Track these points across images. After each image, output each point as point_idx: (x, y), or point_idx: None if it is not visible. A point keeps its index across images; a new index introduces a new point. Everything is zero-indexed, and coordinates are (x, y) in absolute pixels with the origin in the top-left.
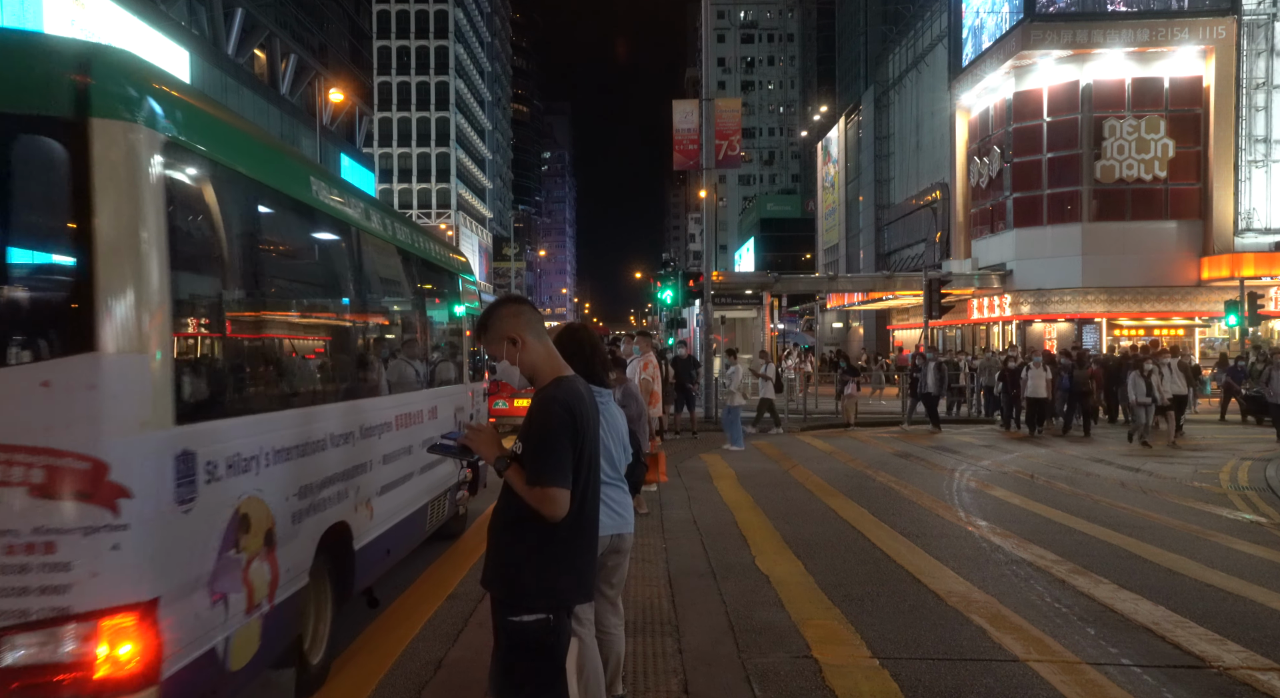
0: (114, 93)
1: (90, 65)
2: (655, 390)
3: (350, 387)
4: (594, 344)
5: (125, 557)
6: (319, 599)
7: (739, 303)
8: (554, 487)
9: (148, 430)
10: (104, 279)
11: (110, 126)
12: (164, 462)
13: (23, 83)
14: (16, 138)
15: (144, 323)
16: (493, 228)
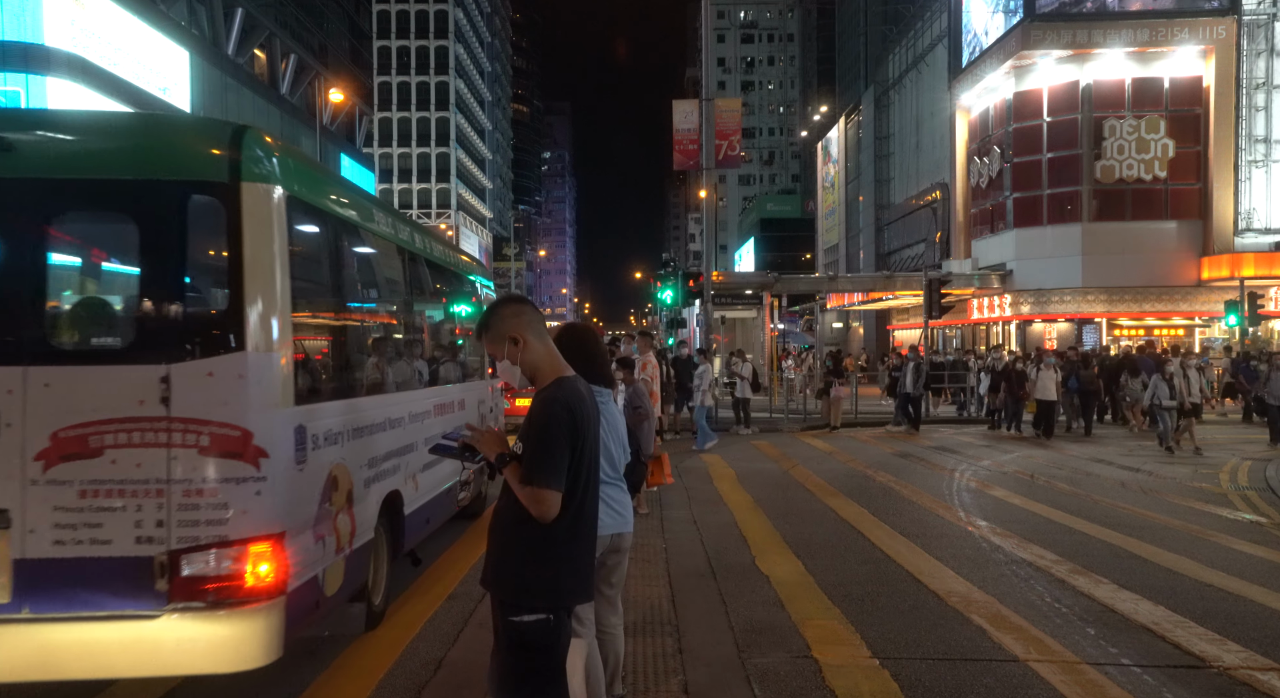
0: (255, 163)
1: (239, 143)
2: (654, 390)
3: (402, 381)
4: (595, 344)
5: (264, 500)
6: (379, 552)
7: (739, 303)
8: (545, 488)
9: (277, 409)
10: (248, 298)
11: (254, 188)
12: (288, 432)
13: (193, 157)
14: (190, 198)
15: (274, 330)
16: (493, 228)
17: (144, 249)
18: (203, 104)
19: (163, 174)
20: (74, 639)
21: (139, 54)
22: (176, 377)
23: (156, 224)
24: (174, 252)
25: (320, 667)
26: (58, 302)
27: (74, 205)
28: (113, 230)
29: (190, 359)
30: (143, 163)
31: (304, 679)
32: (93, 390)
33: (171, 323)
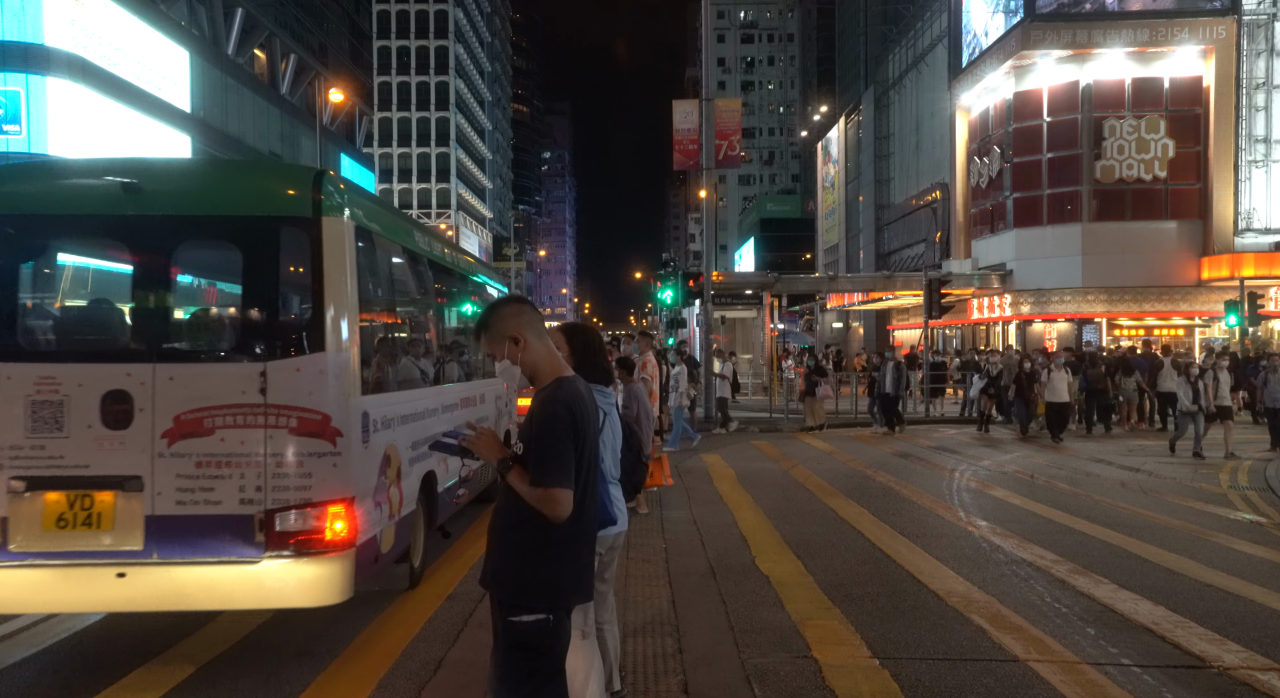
0: (331, 200)
1: (319, 184)
2: (654, 390)
3: (438, 377)
4: (594, 343)
5: (339, 471)
6: (419, 522)
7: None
8: (557, 487)
9: (349, 398)
10: (327, 308)
11: (333, 221)
12: (357, 417)
13: (283, 197)
14: (281, 229)
15: (346, 335)
16: (493, 228)
17: (245, 270)
18: (202, 104)
19: (260, 210)
20: (191, 578)
21: (139, 54)
22: (271, 372)
23: (255, 250)
24: (269, 272)
25: (320, 667)
26: (179, 312)
27: (190, 236)
28: (221, 255)
29: (282, 358)
30: (244, 201)
31: (304, 679)
32: (207, 382)
33: (267, 329)
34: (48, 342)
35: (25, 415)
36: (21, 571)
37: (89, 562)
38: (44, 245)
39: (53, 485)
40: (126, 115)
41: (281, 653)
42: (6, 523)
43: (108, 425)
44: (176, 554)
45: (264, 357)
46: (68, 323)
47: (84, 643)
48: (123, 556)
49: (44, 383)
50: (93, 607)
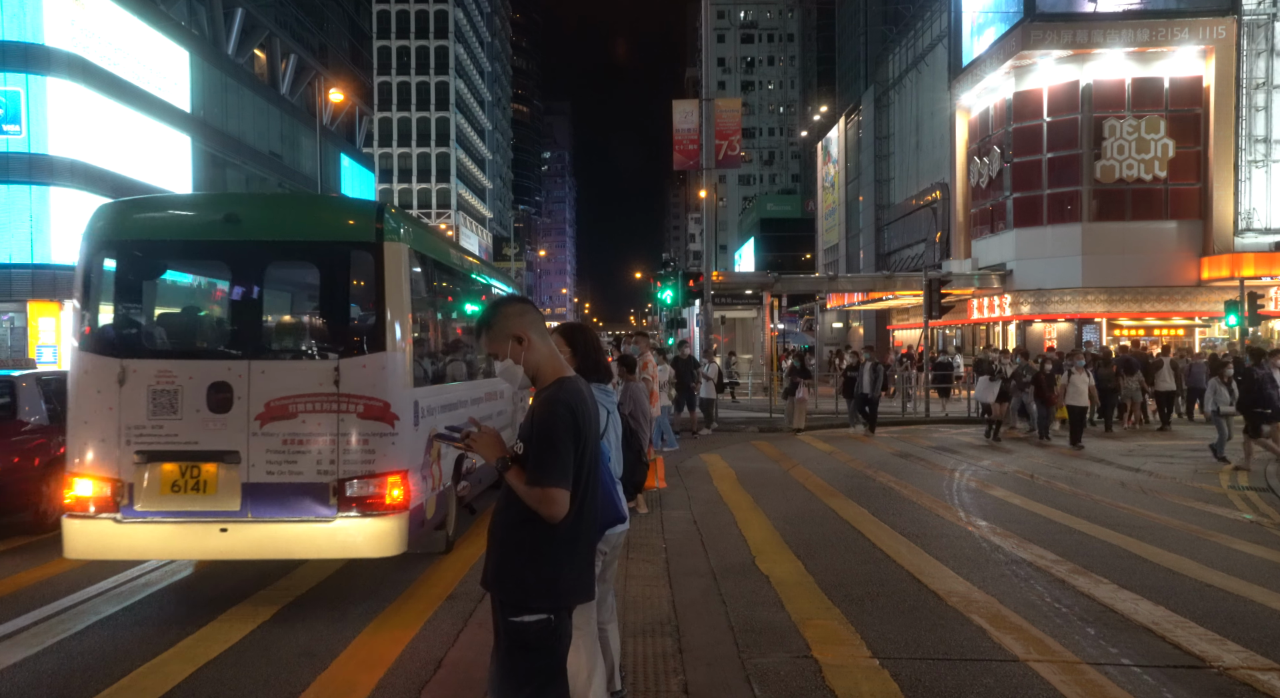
0: (392, 229)
1: (381, 216)
2: (654, 390)
3: (467, 374)
4: (594, 343)
5: (396, 448)
6: (451, 497)
7: (739, 303)
8: (555, 487)
9: (405, 389)
10: (387, 316)
11: (391, 246)
12: (410, 404)
13: (352, 225)
14: (352, 252)
15: (400, 337)
16: (493, 228)
17: (322, 285)
18: (202, 104)
19: (333, 236)
20: (279, 533)
21: (139, 54)
22: (343, 367)
23: (329, 269)
24: (340, 286)
25: (320, 667)
26: (269, 319)
27: (277, 257)
28: (304, 272)
29: (352, 356)
30: (320, 229)
31: (304, 679)
32: (291, 376)
33: (339, 332)
34: (165, 343)
35: (147, 402)
36: (145, 525)
37: (197, 519)
38: (163, 265)
39: (168, 458)
40: (126, 115)
41: (282, 653)
42: (132, 488)
43: (212, 410)
44: (267, 514)
45: (337, 355)
46: (181, 328)
47: (83, 644)
48: (224, 515)
49: (162, 376)
50: (202, 555)
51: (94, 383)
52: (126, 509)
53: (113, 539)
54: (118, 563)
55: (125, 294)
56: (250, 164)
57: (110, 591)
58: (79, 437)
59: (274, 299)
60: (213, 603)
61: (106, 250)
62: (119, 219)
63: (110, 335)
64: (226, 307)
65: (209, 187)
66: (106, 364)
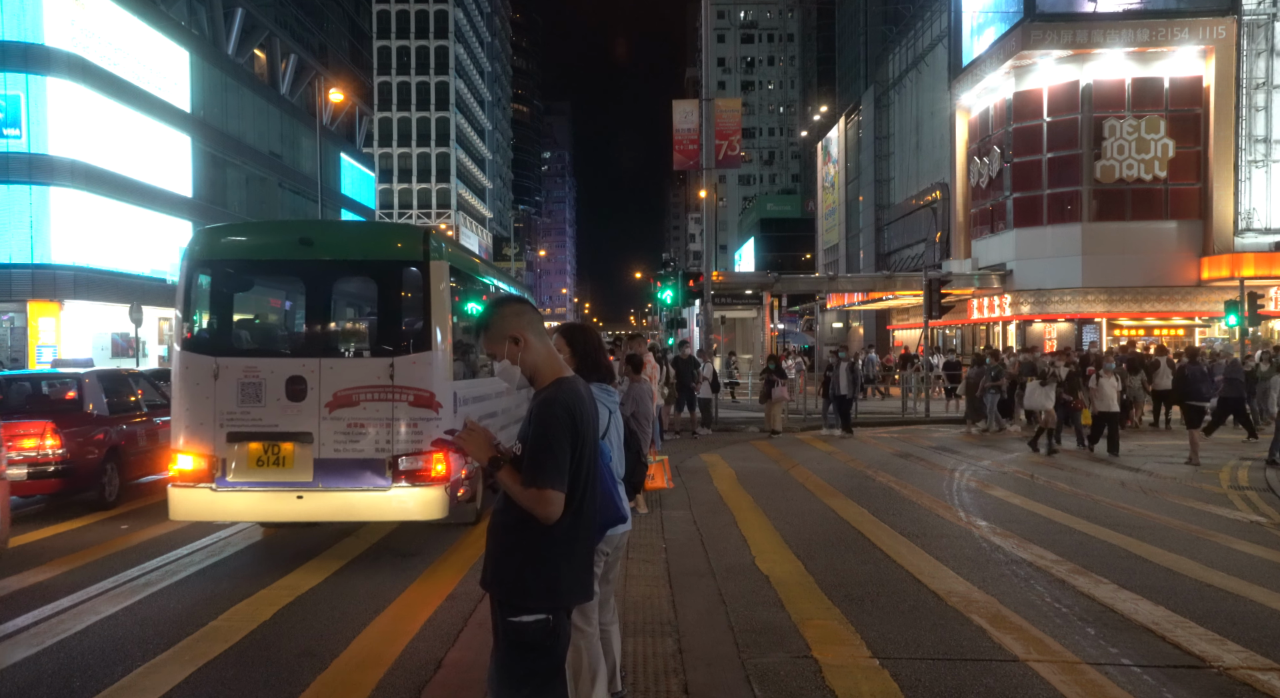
0: (435, 249)
1: (428, 239)
2: (654, 390)
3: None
4: (594, 343)
5: (439, 430)
6: (479, 475)
7: (739, 303)
8: (549, 489)
9: (446, 381)
10: (432, 321)
11: (435, 263)
12: (450, 394)
13: (405, 247)
14: (404, 269)
15: (442, 339)
16: (493, 228)
17: (380, 296)
18: (202, 104)
19: (389, 257)
20: (344, 499)
21: (139, 54)
22: (397, 363)
23: (385, 283)
24: (395, 297)
25: (321, 666)
26: (336, 324)
27: (343, 274)
28: (364, 286)
29: (404, 354)
30: (378, 251)
31: (304, 679)
32: (354, 371)
33: (393, 335)
34: (251, 344)
35: (237, 392)
36: (236, 493)
37: (278, 489)
38: (250, 280)
39: (254, 438)
40: (126, 115)
41: (282, 653)
42: (225, 462)
43: (289, 399)
44: (334, 485)
45: (391, 354)
46: (264, 331)
47: (85, 643)
48: (299, 485)
49: (249, 371)
50: (281, 518)
51: (193, 377)
52: (220, 480)
53: (209, 504)
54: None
55: (218, 304)
56: (250, 164)
57: (110, 590)
58: (181, 421)
59: (339, 308)
60: (212, 603)
61: (202, 268)
62: (212, 242)
63: (206, 338)
64: (300, 314)
65: (208, 185)
66: (203, 362)
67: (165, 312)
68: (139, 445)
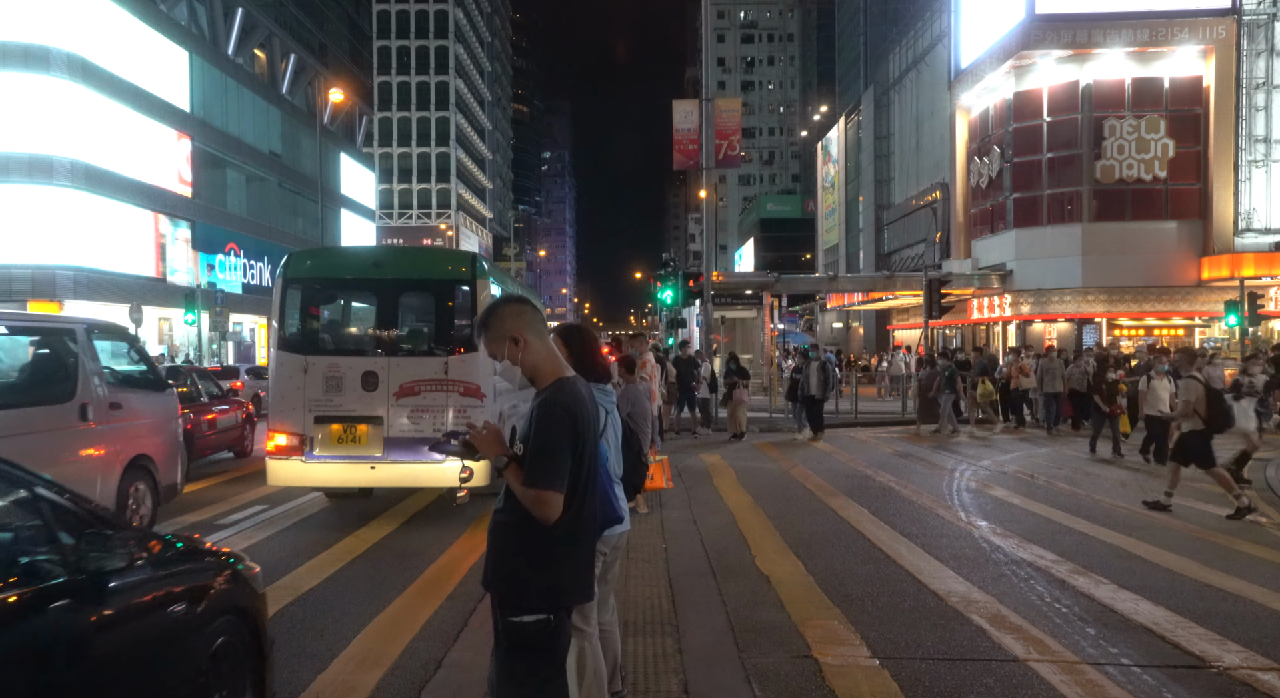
0: (481, 271)
1: (476, 262)
2: (653, 389)
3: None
4: (590, 343)
5: (483, 414)
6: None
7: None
8: (548, 490)
9: (489, 376)
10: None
11: (481, 281)
12: (492, 386)
13: (456, 268)
14: (456, 286)
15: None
16: (493, 228)
17: (436, 306)
18: (202, 104)
19: (445, 276)
20: (408, 470)
21: (139, 54)
22: (450, 361)
23: (441, 297)
24: (448, 308)
25: (320, 667)
26: (401, 329)
27: (407, 289)
28: (423, 298)
29: (455, 354)
30: (436, 270)
31: (304, 679)
32: (416, 367)
33: (447, 338)
34: (333, 345)
35: (322, 384)
36: (321, 464)
37: (355, 461)
38: (332, 294)
39: (336, 420)
40: (126, 115)
41: (281, 653)
42: (312, 439)
43: (364, 389)
44: (400, 458)
45: (446, 353)
46: (344, 335)
47: None
48: (372, 458)
49: (331, 367)
50: (358, 484)
51: (287, 372)
52: (308, 454)
53: (300, 472)
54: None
55: (307, 313)
56: (250, 164)
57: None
58: (278, 406)
59: (403, 316)
60: None
61: (293, 284)
62: (301, 263)
63: (297, 340)
64: (372, 321)
65: (208, 185)
66: (295, 359)
67: (165, 312)
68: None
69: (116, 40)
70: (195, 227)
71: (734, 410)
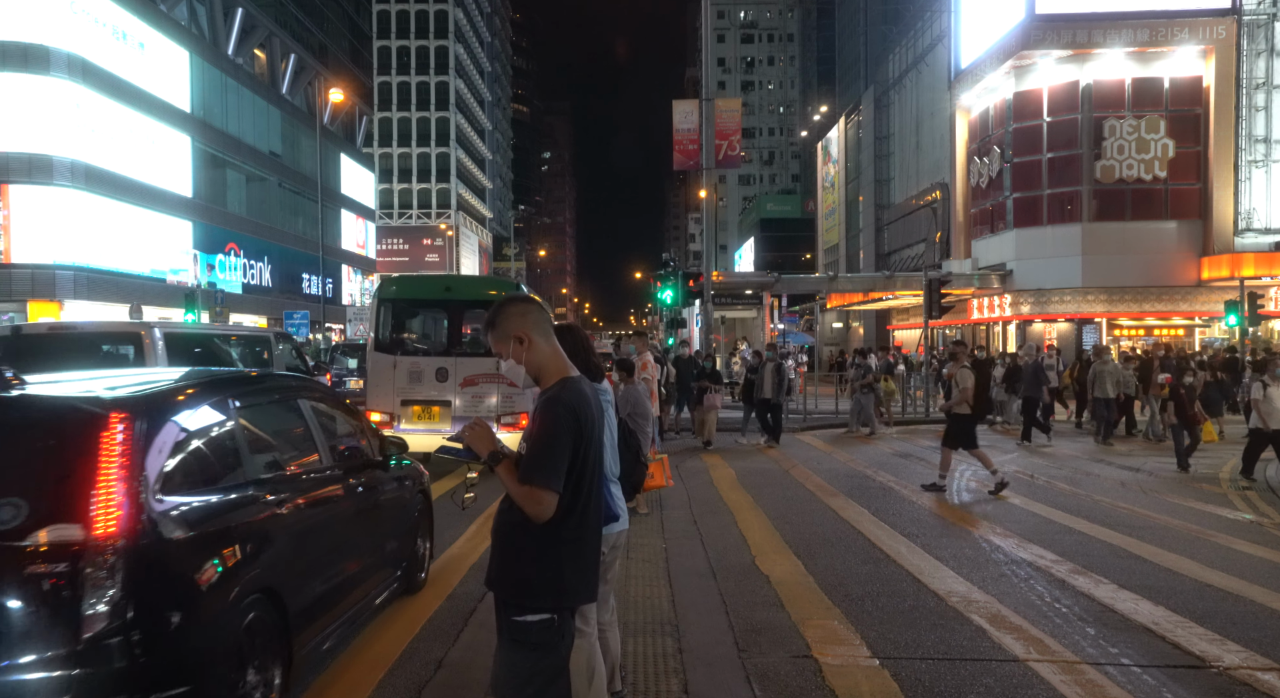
0: (518, 288)
1: (519, 287)
2: (653, 390)
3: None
4: (582, 342)
5: (524, 402)
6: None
7: (739, 303)
8: (542, 488)
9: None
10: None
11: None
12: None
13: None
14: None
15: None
16: (493, 228)
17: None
18: (202, 104)
19: (494, 297)
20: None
21: (139, 54)
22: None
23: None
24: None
25: (320, 667)
26: (464, 337)
27: (468, 307)
28: (481, 314)
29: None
30: (488, 292)
31: (304, 679)
32: (475, 365)
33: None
34: (414, 348)
35: (406, 377)
36: (406, 434)
37: (430, 432)
38: (414, 310)
39: (417, 403)
40: (126, 115)
41: None
42: (400, 416)
43: (437, 381)
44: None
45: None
46: (422, 340)
47: None
48: (442, 431)
49: (413, 364)
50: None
51: (381, 367)
52: (397, 427)
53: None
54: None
55: (395, 324)
56: (250, 164)
57: None
58: (374, 393)
59: (466, 327)
60: None
61: (385, 304)
62: (389, 288)
63: (388, 344)
64: (444, 331)
65: (208, 185)
66: (387, 358)
67: (165, 311)
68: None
69: (116, 40)
70: (195, 226)
71: (704, 417)
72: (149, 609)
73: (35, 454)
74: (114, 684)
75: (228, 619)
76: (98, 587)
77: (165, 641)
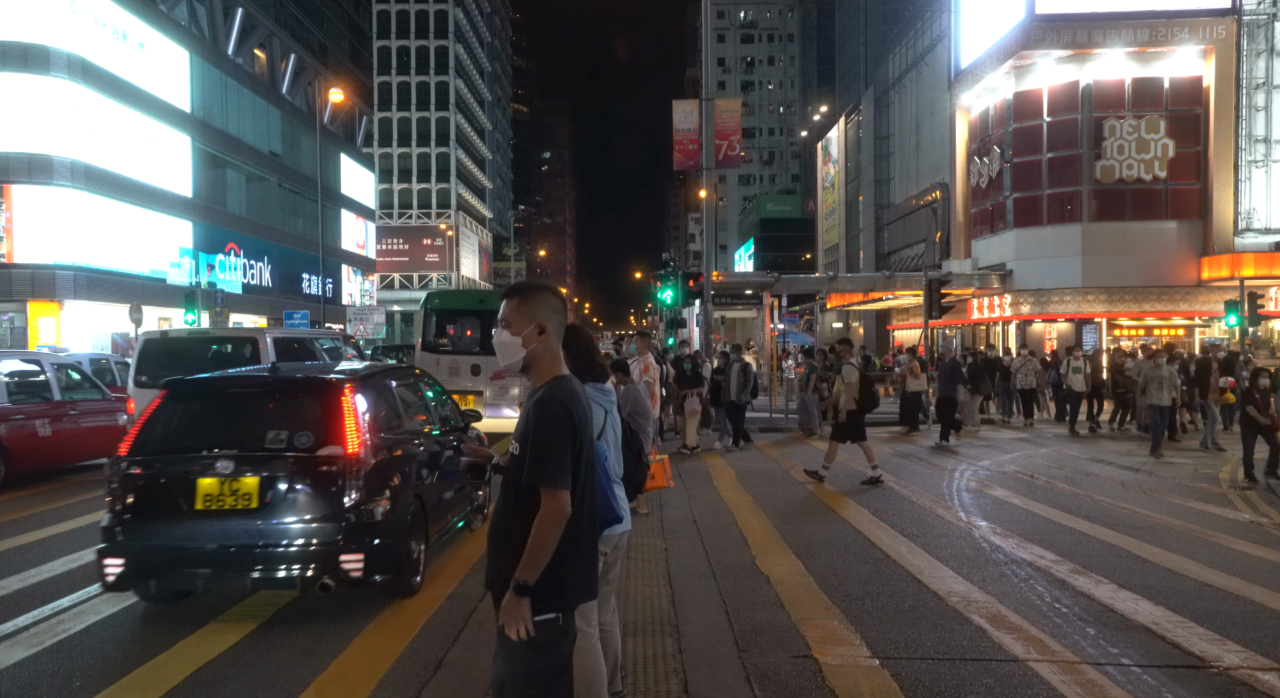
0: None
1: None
2: (654, 391)
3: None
4: (587, 342)
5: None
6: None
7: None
8: (555, 488)
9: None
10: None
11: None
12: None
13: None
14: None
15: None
16: (493, 228)
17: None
18: (202, 104)
19: None
20: (496, 420)
21: (139, 54)
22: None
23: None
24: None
25: (321, 667)
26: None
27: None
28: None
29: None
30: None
31: (304, 679)
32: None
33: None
34: (453, 348)
35: (448, 371)
36: None
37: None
38: (455, 317)
39: (455, 392)
40: (126, 115)
41: (282, 653)
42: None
43: (472, 375)
44: (491, 414)
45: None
46: (460, 342)
47: (85, 643)
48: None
49: (453, 361)
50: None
51: (428, 364)
52: None
53: None
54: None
55: (439, 329)
56: (250, 164)
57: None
58: None
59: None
60: (213, 603)
61: (431, 313)
62: (433, 300)
63: (433, 345)
64: (477, 334)
65: (208, 185)
66: (432, 357)
67: (165, 311)
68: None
69: (116, 40)
70: (195, 226)
71: (686, 422)
72: (373, 495)
73: (314, 407)
74: (358, 533)
75: (403, 506)
76: (352, 479)
77: (380, 513)
